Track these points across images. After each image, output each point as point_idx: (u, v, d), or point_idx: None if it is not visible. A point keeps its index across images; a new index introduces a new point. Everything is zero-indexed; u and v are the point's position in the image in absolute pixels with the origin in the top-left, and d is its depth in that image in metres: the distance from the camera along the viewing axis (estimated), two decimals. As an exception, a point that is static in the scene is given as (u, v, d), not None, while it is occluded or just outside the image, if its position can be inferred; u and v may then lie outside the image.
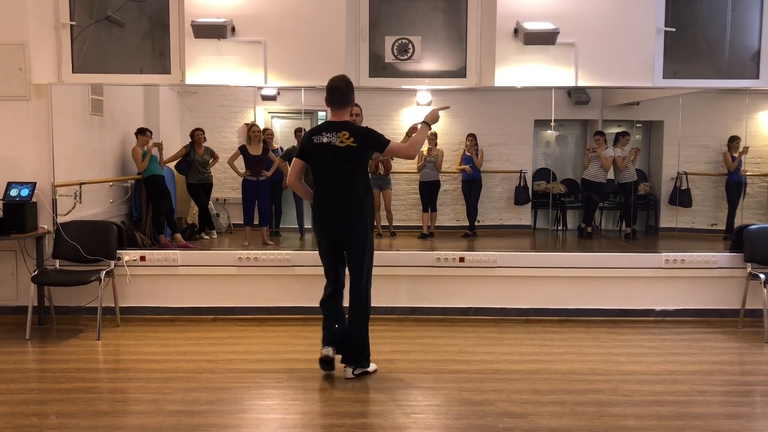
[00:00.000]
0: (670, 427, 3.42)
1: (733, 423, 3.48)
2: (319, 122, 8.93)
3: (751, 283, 5.32)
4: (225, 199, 8.39)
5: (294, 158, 4.18)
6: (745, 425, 3.47)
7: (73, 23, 5.41)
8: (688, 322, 5.45)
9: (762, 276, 5.09)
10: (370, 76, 5.55)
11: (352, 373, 4.15)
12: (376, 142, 4.05)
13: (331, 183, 4.07)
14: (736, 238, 5.53)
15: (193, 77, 5.26)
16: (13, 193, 5.14)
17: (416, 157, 8.30)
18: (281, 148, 8.14)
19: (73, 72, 5.45)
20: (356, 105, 4.83)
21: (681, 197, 7.97)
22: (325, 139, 4.01)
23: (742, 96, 6.89)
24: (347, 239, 4.11)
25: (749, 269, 5.31)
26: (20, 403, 3.73)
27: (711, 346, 4.86)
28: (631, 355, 4.63)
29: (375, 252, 4.29)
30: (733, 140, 7.60)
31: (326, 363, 4.13)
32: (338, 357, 4.19)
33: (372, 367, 4.23)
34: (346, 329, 4.22)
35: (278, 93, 8.26)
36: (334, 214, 4.08)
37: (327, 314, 4.26)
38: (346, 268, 4.24)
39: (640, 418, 3.54)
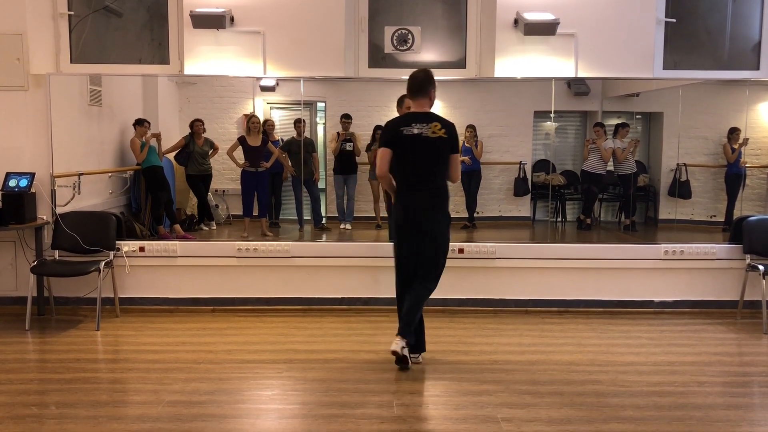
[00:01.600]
0: (668, 417, 3.44)
1: (731, 413, 3.50)
2: (318, 113, 8.98)
3: (750, 274, 5.32)
4: (224, 190, 8.39)
5: (382, 148, 4.09)
6: (743, 416, 3.48)
7: (71, 13, 5.37)
8: (686, 314, 5.46)
9: (761, 267, 5.10)
10: (369, 67, 5.51)
11: (408, 354, 4.11)
12: (456, 141, 4.11)
13: (418, 175, 4.05)
14: (735, 230, 5.54)
15: (191, 67, 5.24)
16: (12, 183, 5.13)
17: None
18: (282, 139, 8.13)
19: (71, 62, 5.42)
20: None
21: (680, 189, 7.97)
22: (415, 130, 3.99)
23: (743, 87, 6.87)
24: (431, 232, 4.08)
25: (748, 260, 5.32)
26: (20, 393, 3.73)
27: (710, 338, 4.87)
28: (630, 346, 4.64)
29: (374, 244, 4.29)
30: (733, 132, 7.59)
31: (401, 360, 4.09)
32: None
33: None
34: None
35: (277, 84, 8.25)
36: (421, 207, 4.06)
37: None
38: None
39: (639, 408, 3.55)
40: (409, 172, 4.07)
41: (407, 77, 4.14)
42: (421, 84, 4.07)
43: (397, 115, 4.78)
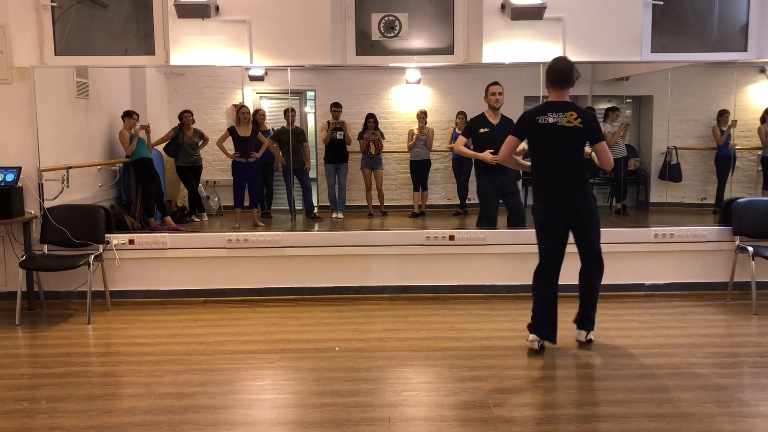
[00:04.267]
0: (659, 399, 3.45)
1: (721, 394, 3.52)
2: (308, 102, 8.94)
3: (740, 256, 5.34)
4: (215, 182, 8.35)
5: (510, 137, 4.16)
6: (733, 396, 3.51)
7: (54, 4, 5.30)
8: (677, 296, 5.48)
9: (750, 249, 5.12)
10: (357, 54, 5.47)
11: (586, 337, 4.24)
12: (597, 130, 4.07)
13: (558, 165, 4.06)
14: (724, 212, 5.55)
15: (177, 58, 5.19)
16: (-2, 178, 5.09)
17: (409, 138, 8.29)
18: (273, 129, 8.09)
19: (55, 54, 5.36)
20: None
21: (671, 172, 7.98)
22: (551, 120, 4.00)
23: (731, 69, 6.87)
24: (578, 220, 4.10)
25: (737, 242, 5.34)
26: (11, 388, 3.72)
27: (700, 319, 4.89)
28: (621, 329, 4.66)
29: (365, 232, 4.28)
30: (722, 114, 7.60)
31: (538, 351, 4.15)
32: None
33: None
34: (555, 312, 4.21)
35: (266, 73, 8.19)
36: (564, 198, 4.08)
37: (549, 299, 4.18)
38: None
39: (630, 391, 3.57)
40: (546, 163, 4.11)
41: (396, 64, 4.11)
42: (564, 74, 4.06)
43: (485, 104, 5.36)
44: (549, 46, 5.21)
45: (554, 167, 4.09)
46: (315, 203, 8.33)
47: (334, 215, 8.16)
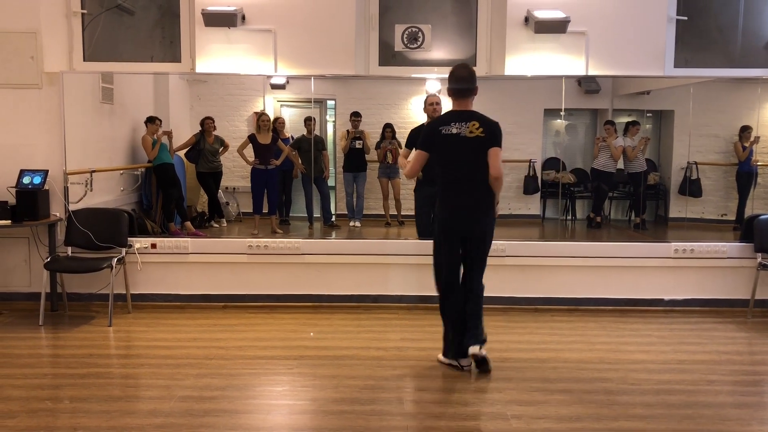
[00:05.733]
0: (678, 416, 3.43)
1: (742, 412, 3.49)
2: (328, 111, 9.00)
3: (761, 273, 5.30)
4: (234, 188, 8.43)
5: (417, 151, 4.03)
6: (753, 415, 3.48)
7: (84, 11, 5.42)
8: (697, 312, 5.44)
9: (772, 266, 5.08)
10: (379, 65, 5.52)
11: (480, 349, 3.98)
12: (497, 137, 3.96)
13: (460, 177, 3.96)
14: (746, 228, 5.51)
15: (203, 66, 5.27)
16: (26, 180, 5.18)
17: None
18: (292, 137, 8.16)
19: (84, 60, 5.46)
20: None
21: (691, 187, 7.93)
22: (454, 130, 3.92)
23: (754, 85, 6.83)
24: (476, 234, 4.01)
25: (759, 259, 5.30)
26: (34, 387, 3.78)
27: (720, 336, 4.85)
28: (640, 344, 4.64)
29: (384, 241, 4.28)
30: (745, 130, 7.55)
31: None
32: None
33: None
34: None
35: (287, 82, 8.27)
36: (466, 210, 3.98)
37: (457, 319, 4.08)
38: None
39: (648, 406, 3.55)
40: (451, 174, 4.00)
41: (418, 75, 4.11)
42: (465, 83, 3.96)
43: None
44: (572, 59, 5.22)
45: (457, 179, 3.97)
46: (333, 211, 8.37)
47: (351, 223, 8.19)
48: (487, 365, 4.00)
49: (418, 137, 5.36)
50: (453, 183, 3.99)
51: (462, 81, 3.96)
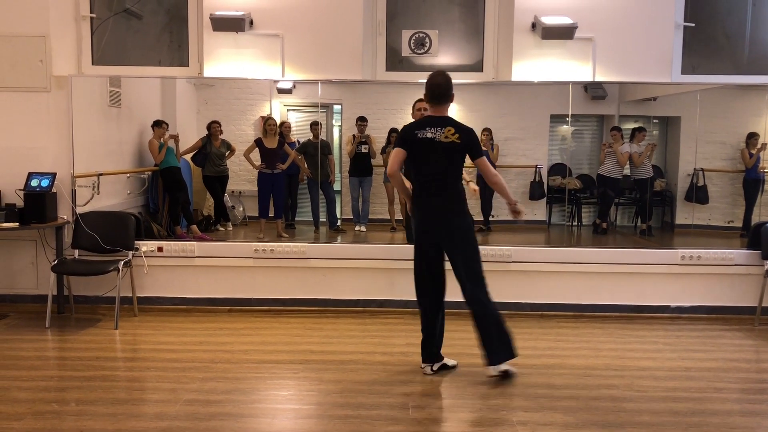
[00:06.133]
0: (685, 423, 3.42)
1: (749, 420, 3.48)
2: (335, 115, 9.02)
3: (768, 280, 5.29)
4: (240, 192, 8.45)
5: (396, 148, 4.03)
6: (761, 422, 3.46)
7: (93, 15, 5.46)
8: (703, 319, 5.43)
9: (779, 274, 5.06)
10: (386, 70, 5.54)
11: (496, 370, 4.01)
12: (475, 144, 3.99)
13: (433, 181, 3.99)
14: (753, 235, 5.50)
15: (210, 70, 5.29)
16: (34, 183, 5.20)
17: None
18: (298, 141, 8.17)
19: (92, 64, 5.50)
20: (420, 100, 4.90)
21: (697, 194, 7.91)
22: (429, 135, 3.94)
23: (762, 92, 6.82)
24: (451, 235, 4.01)
25: (766, 266, 5.28)
26: (41, 390, 3.79)
27: (727, 343, 4.84)
28: (646, 351, 4.62)
29: (390, 246, 4.27)
30: (752, 137, 7.53)
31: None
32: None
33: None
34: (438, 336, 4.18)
35: (294, 86, 8.29)
36: (437, 213, 4.01)
37: (427, 325, 4.16)
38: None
39: (655, 413, 3.54)
40: (423, 177, 4.04)
41: (424, 80, 4.13)
42: (441, 90, 4.00)
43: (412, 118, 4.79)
44: (579, 65, 5.23)
45: (430, 182, 3.99)
46: (338, 216, 8.38)
47: (356, 228, 8.20)
48: (510, 376, 4.05)
49: None
50: (426, 185, 4.03)
51: (438, 88, 4.01)
